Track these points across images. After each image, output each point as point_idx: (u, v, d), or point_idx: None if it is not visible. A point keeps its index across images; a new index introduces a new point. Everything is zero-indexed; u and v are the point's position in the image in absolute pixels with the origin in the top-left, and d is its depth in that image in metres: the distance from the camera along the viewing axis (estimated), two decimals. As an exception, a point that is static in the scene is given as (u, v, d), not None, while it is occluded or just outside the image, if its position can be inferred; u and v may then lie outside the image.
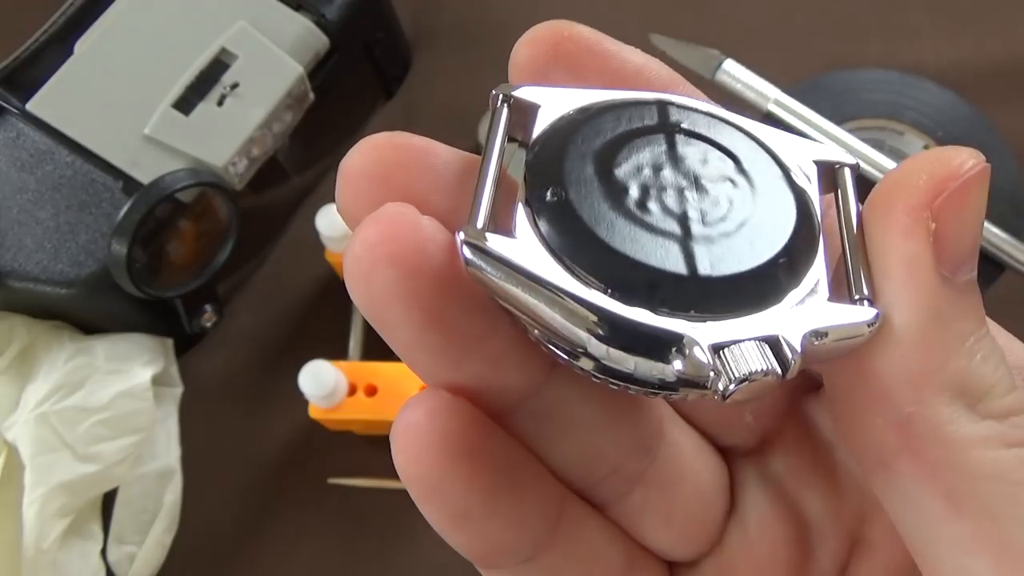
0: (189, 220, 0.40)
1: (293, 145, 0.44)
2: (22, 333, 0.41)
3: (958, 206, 0.14)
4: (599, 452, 0.17)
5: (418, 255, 0.14)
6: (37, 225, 0.38)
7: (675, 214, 0.15)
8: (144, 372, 0.41)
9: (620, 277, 0.14)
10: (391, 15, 0.47)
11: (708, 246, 0.14)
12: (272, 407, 0.44)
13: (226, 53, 0.40)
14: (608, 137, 0.15)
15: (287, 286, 0.47)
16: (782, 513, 0.19)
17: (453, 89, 0.49)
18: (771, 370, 0.14)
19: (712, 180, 0.15)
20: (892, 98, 0.42)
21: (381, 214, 0.14)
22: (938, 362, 0.14)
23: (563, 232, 0.14)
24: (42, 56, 0.39)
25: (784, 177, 0.16)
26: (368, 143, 0.15)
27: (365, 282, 0.14)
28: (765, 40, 0.48)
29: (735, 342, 0.14)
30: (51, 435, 0.38)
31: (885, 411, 0.14)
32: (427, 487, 0.15)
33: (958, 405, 0.14)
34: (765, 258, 0.15)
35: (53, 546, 0.38)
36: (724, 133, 0.16)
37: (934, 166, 0.14)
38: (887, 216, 0.15)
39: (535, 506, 0.16)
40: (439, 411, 0.15)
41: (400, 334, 0.14)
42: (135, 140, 0.39)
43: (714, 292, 0.14)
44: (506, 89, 0.16)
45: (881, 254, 0.15)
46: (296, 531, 0.43)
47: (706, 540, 0.19)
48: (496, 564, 0.16)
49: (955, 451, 0.14)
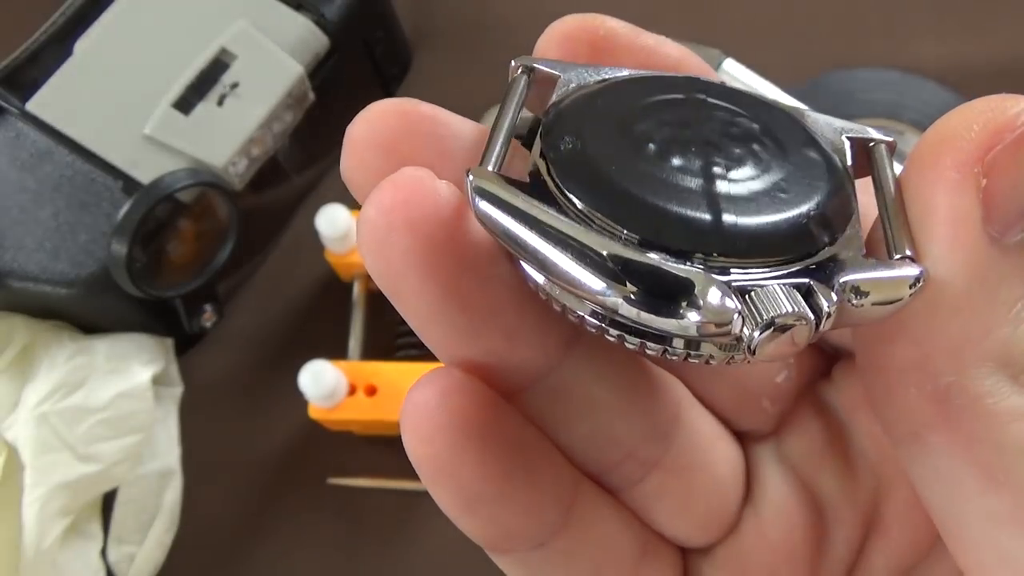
0: (189, 220, 0.40)
1: (293, 145, 0.44)
2: (22, 333, 0.41)
3: (1013, 160, 0.13)
4: (614, 435, 0.17)
5: (436, 221, 0.13)
6: (37, 225, 0.38)
7: (701, 168, 0.13)
8: (144, 372, 0.41)
9: (638, 221, 0.13)
10: (391, 15, 0.47)
11: (736, 198, 0.13)
12: (272, 407, 0.44)
13: (226, 53, 0.40)
14: (631, 100, 0.14)
15: (287, 286, 0.47)
16: (797, 498, 0.19)
17: (453, 89, 0.49)
18: (802, 313, 0.12)
19: (741, 141, 0.14)
20: (892, 98, 0.42)
21: (398, 177, 0.13)
22: (982, 329, 0.13)
23: (579, 177, 0.13)
24: (42, 56, 0.39)
25: (816, 146, 0.15)
26: (374, 109, 0.14)
27: (380, 249, 0.13)
28: (765, 40, 0.48)
29: (763, 285, 0.12)
30: (51, 435, 0.38)
31: (921, 381, 0.14)
32: (438, 469, 0.14)
33: (1000, 376, 0.13)
34: (797, 210, 0.13)
35: (53, 546, 0.38)
36: (753, 104, 0.15)
37: (988, 116, 0.13)
38: (933, 170, 0.13)
39: (548, 490, 0.16)
40: (452, 390, 0.14)
41: (415, 304, 0.14)
42: (135, 140, 0.39)
43: (741, 238, 0.13)
44: (527, 60, 0.15)
45: (925, 212, 0.14)
46: (296, 531, 0.43)
47: (721, 526, 0.18)
48: (507, 549, 0.16)
49: (995, 424, 0.13)
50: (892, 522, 0.18)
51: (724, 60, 0.40)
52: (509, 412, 0.15)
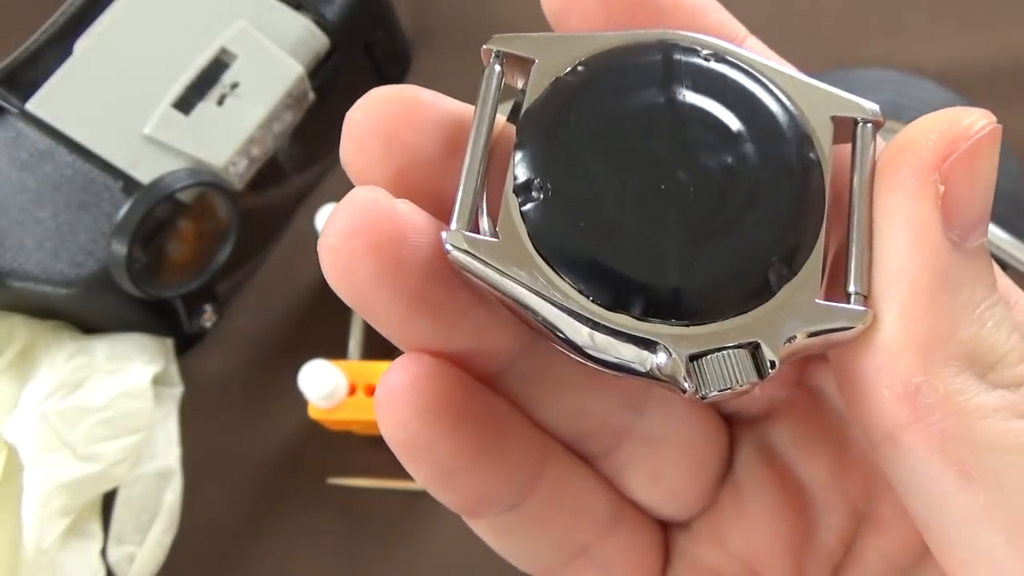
0: (189, 220, 0.40)
1: (293, 145, 0.44)
2: (22, 333, 0.41)
3: (968, 168, 0.14)
4: (586, 409, 0.17)
5: (397, 243, 0.14)
6: (37, 225, 0.38)
7: (663, 209, 0.14)
8: (144, 372, 0.41)
9: (601, 284, 0.14)
10: (391, 15, 0.47)
11: (694, 248, 0.14)
12: (272, 407, 0.44)
13: (226, 53, 0.40)
14: (601, 111, 0.15)
15: (287, 286, 0.47)
16: (780, 482, 0.19)
17: (453, 89, 0.48)
18: (746, 381, 0.14)
19: (709, 161, 0.14)
20: (892, 98, 0.42)
21: (352, 201, 0.14)
22: (948, 329, 0.14)
23: (546, 233, 0.14)
24: (42, 56, 0.39)
25: (792, 147, 0.15)
26: (375, 95, 0.15)
27: (345, 274, 0.14)
28: (765, 40, 0.48)
29: (713, 351, 0.14)
30: (51, 435, 0.38)
31: (892, 382, 0.14)
32: (414, 450, 0.15)
33: (969, 374, 0.14)
34: (752, 258, 0.14)
35: (53, 546, 0.38)
36: (734, 91, 0.15)
37: (943, 126, 0.14)
38: (894, 179, 0.14)
39: (517, 458, 0.16)
40: (422, 375, 0.15)
41: (386, 318, 0.14)
42: (135, 140, 0.39)
43: (696, 298, 0.14)
44: (499, 43, 0.15)
45: (887, 218, 0.14)
46: (296, 531, 0.43)
47: (696, 500, 0.19)
48: (482, 514, 0.17)
49: (966, 422, 0.14)
50: (888, 518, 0.18)
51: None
52: (477, 389, 0.16)
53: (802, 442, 0.19)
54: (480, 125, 0.15)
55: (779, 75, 0.16)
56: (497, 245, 0.14)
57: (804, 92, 0.15)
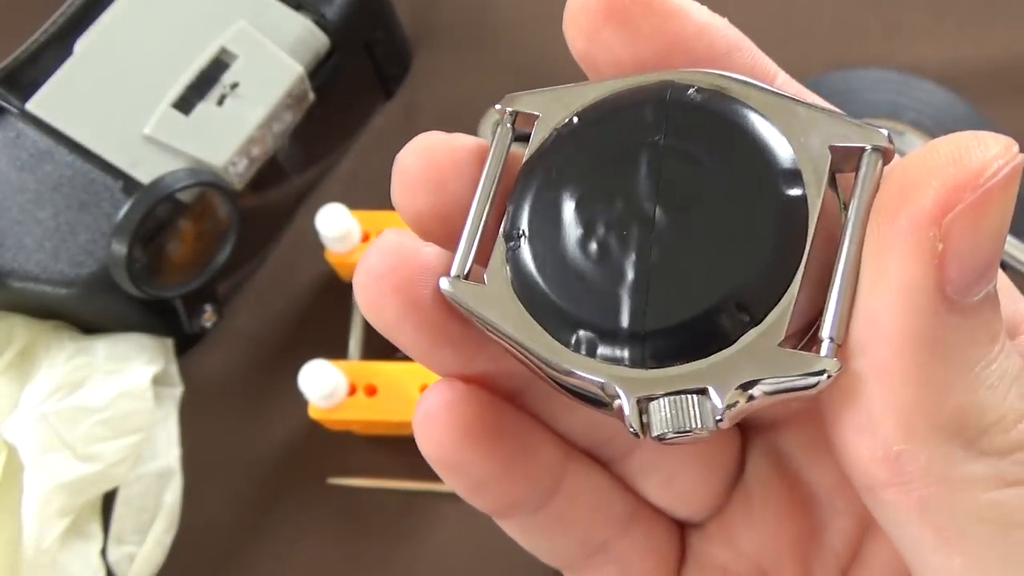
0: (189, 220, 0.40)
1: (293, 145, 0.44)
2: (22, 333, 0.41)
3: (974, 222, 0.12)
4: (601, 422, 0.18)
5: (417, 284, 0.15)
6: (37, 225, 0.38)
7: (624, 255, 0.14)
8: (144, 372, 0.41)
9: (562, 327, 0.15)
10: (391, 15, 0.47)
11: (650, 294, 0.14)
12: (272, 407, 0.44)
13: (226, 53, 0.40)
14: (579, 161, 0.15)
15: (287, 286, 0.47)
16: (789, 487, 0.19)
17: (453, 89, 0.49)
18: (696, 427, 0.14)
19: (679, 205, 0.14)
20: (892, 98, 0.42)
21: (381, 244, 0.15)
22: (933, 399, 0.13)
23: (521, 280, 0.15)
24: (42, 56, 0.39)
25: (770, 186, 0.14)
26: (424, 142, 0.16)
27: (375, 309, 0.15)
28: (765, 40, 0.48)
29: (663, 395, 0.14)
30: (51, 435, 0.38)
31: (872, 444, 0.13)
32: (451, 467, 0.16)
33: (954, 444, 0.13)
34: (709, 304, 0.14)
35: (53, 546, 0.38)
36: (717, 132, 0.15)
37: (948, 170, 0.12)
38: (887, 229, 0.13)
39: (542, 466, 0.17)
40: (455, 401, 0.16)
41: (412, 347, 0.16)
42: (135, 140, 0.39)
43: (648, 343, 0.14)
44: (509, 103, 0.16)
45: (875, 273, 0.13)
46: (296, 531, 0.43)
47: (708, 503, 0.19)
48: (511, 516, 0.18)
49: (947, 491, 0.13)
50: None
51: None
52: (503, 409, 0.17)
53: (811, 449, 0.19)
54: (487, 181, 0.16)
55: (779, 106, 0.15)
56: (483, 289, 0.15)
57: (806, 121, 0.15)
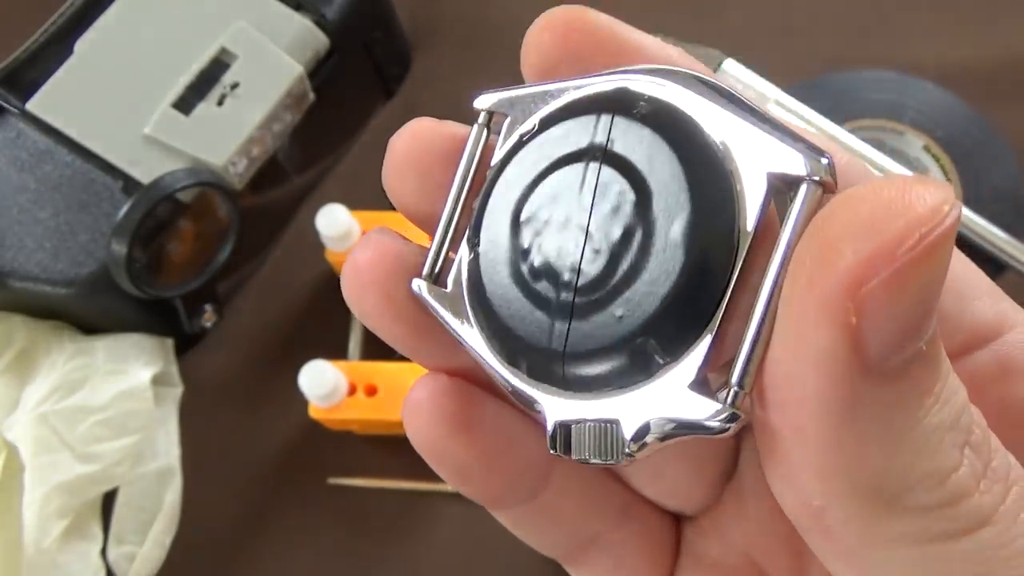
0: (189, 220, 0.40)
1: (293, 145, 0.44)
2: (22, 333, 0.41)
3: (892, 295, 0.11)
4: None
5: (396, 280, 0.16)
6: (37, 225, 0.38)
7: (556, 276, 0.14)
8: (144, 372, 0.41)
9: (500, 341, 0.15)
10: (391, 15, 0.47)
11: (575, 319, 0.14)
12: (272, 407, 0.44)
13: (226, 53, 0.40)
14: (530, 176, 0.15)
15: (287, 286, 0.47)
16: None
17: (453, 89, 0.49)
18: (608, 458, 0.14)
19: (609, 231, 0.14)
20: (892, 98, 0.42)
21: (367, 241, 0.16)
22: (849, 464, 0.12)
23: (471, 290, 0.16)
24: (42, 56, 0.39)
25: (704, 221, 0.13)
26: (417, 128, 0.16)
27: (358, 301, 0.16)
28: (765, 40, 0.48)
29: (578, 422, 0.14)
30: (51, 435, 0.38)
31: (796, 493, 0.13)
32: (434, 454, 0.17)
33: (872, 503, 0.12)
34: (626, 338, 0.14)
35: (53, 546, 0.38)
36: (654, 155, 0.14)
37: (865, 237, 0.11)
38: (806, 295, 0.12)
39: (528, 459, 0.18)
40: (438, 392, 0.17)
41: (393, 340, 0.17)
42: (135, 140, 0.39)
43: (571, 368, 0.14)
44: (481, 102, 0.16)
45: (791, 334, 0.12)
46: (296, 531, 0.43)
47: (699, 497, 0.20)
48: (502, 506, 0.18)
49: (865, 547, 0.13)
50: None
51: (724, 60, 0.40)
52: (488, 402, 0.17)
53: None
54: (461, 181, 0.16)
55: (725, 123, 0.14)
56: (447, 294, 0.16)
57: (749, 143, 0.14)
